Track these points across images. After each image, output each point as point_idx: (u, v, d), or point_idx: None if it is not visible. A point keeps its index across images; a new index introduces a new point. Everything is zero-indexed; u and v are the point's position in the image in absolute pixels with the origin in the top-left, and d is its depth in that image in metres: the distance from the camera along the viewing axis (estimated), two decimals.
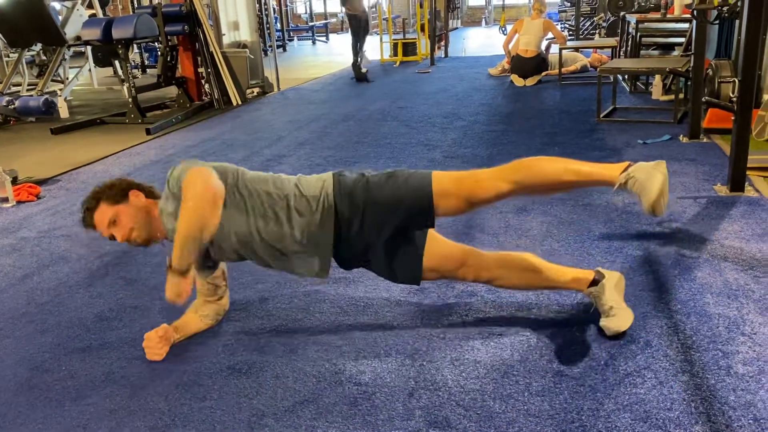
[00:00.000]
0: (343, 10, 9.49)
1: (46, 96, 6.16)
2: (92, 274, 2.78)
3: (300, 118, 6.22)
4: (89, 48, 8.40)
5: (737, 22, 4.72)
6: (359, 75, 8.72)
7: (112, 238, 2.05)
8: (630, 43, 6.75)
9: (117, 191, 2.04)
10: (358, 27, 9.32)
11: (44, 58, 8.25)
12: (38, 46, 7.90)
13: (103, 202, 2.03)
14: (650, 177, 1.80)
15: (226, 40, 7.71)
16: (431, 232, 2.06)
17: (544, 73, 7.60)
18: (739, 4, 3.42)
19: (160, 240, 2.10)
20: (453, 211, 1.97)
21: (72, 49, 7.88)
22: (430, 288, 2.39)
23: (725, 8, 3.96)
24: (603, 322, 2.01)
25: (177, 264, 1.84)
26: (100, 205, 2.03)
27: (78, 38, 7.06)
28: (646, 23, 6.49)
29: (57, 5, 8.01)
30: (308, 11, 19.41)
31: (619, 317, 1.98)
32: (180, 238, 1.83)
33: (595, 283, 2.06)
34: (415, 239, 2.04)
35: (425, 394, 1.79)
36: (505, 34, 10.75)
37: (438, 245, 2.06)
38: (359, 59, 9.21)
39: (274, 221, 1.94)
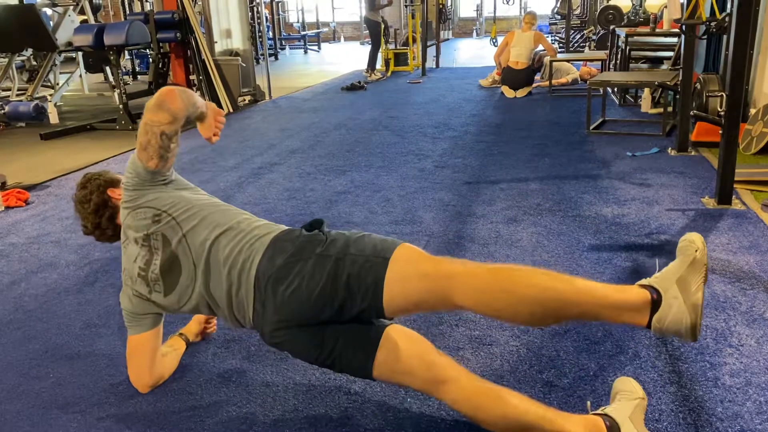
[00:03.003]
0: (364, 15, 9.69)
1: (36, 101, 6.13)
2: (81, 281, 2.77)
3: (291, 127, 6.23)
4: (80, 54, 8.37)
5: (725, 37, 4.80)
6: (353, 84, 8.78)
7: None
8: (619, 56, 6.81)
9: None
10: (378, 34, 9.44)
11: (35, 63, 8.20)
12: (29, 51, 7.86)
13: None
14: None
15: (218, 47, 7.72)
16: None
17: (534, 84, 7.67)
18: (727, 19, 3.47)
19: None
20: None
21: (63, 54, 7.85)
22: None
23: (713, 23, 4.02)
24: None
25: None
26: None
27: (69, 44, 7.04)
28: (635, 37, 6.57)
29: (48, 11, 7.98)
30: (301, 20, 19.46)
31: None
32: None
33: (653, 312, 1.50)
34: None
35: (415, 404, 1.79)
36: (496, 46, 10.83)
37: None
38: (369, 72, 9.39)
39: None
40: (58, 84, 7.95)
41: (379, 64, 10.55)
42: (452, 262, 1.55)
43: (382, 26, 9.91)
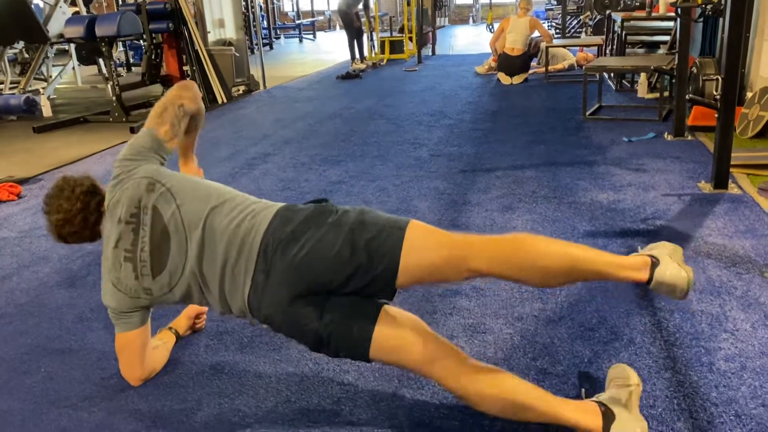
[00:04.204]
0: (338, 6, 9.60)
1: (28, 94, 6.09)
2: (73, 275, 2.75)
3: (286, 117, 6.19)
4: (73, 46, 8.31)
5: (721, 20, 4.76)
6: (348, 72, 8.74)
7: None
8: (616, 41, 6.77)
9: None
10: (350, 23, 9.40)
11: (27, 56, 8.15)
12: (21, 44, 7.81)
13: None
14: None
15: (211, 38, 7.66)
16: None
17: (531, 71, 7.62)
18: (722, 2, 3.44)
19: None
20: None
21: (55, 46, 7.79)
22: (414, 285, 2.38)
23: (709, 6, 3.99)
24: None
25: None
26: None
27: (61, 36, 6.98)
28: (631, 21, 6.52)
29: (39, 2, 7.92)
30: (295, 9, 19.34)
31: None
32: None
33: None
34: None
35: (408, 393, 1.78)
36: (492, 33, 10.76)
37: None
38: (356, 60, 9.34)
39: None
40: (50, 76, 7.90)
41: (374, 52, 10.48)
42: (464, 234, 1.62)
43: (356, 17, 9.76)
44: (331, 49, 14.09)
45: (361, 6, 9.79)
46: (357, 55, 9.72)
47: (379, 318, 1.53)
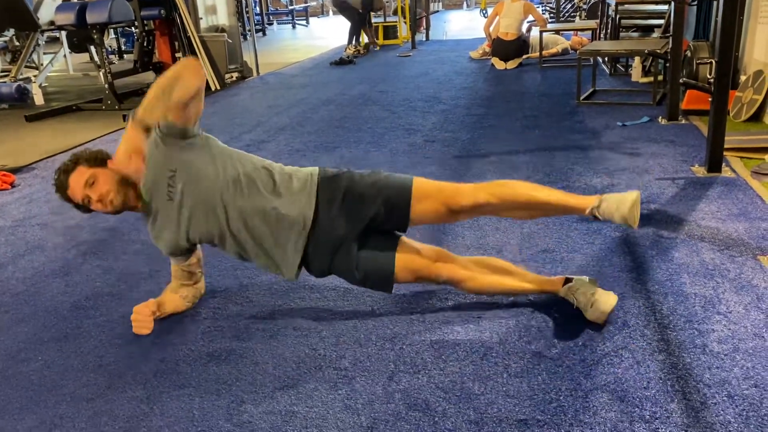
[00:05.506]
0: None
1: (20, 82, 6.04)
2: (68, 263, 2.75)
3: (280, 103, 6.17)
4: (64, 33, 8.23)
5: (715, 3, 4.75)
6: (341, 58, 8.69)
7: (86, 202, 2.02)
8: (610, 25, 6.75)
9: (97, 156, 2.05)
10: (349, 9, 9.35)
11: (17, 43, 8.06)
12: (11, 32, 7.72)
13: (81, 164, 2.02)
14: (622, 197, 1.93)
15: (203, 24, 7.59)
16: (402, 238, 2.09)
17: (525, 56, 7.59)
18: None
19: (135, 208, 2.09)
20: (430, 214, 2.05)
21: (46, 34, 7.72)
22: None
23: None
24: (589, 312, 1.97)
25: (141, 113, 1.97)
26: (78, 167, 2.02)
27: (52, 23, 6.91)
28: (625, 5, 6.50)
29: None
30: None
31: (601, 300, 1.95)
32: (153, 87, 1.97)
33: (568, 280, 2.07)
34: (386, 239, 2.06)
35: (405, 377, 1.79)
36: (485, 17, 10.71)
37: (409, 245, 2.07)
38: (352, 46, 9.30)
39: (257, 191, 2.03)
40: (42, 64, 7.83)
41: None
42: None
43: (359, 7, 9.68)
44: (324, 34, 14.00)
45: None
46: (353, 41, 9.63)
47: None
